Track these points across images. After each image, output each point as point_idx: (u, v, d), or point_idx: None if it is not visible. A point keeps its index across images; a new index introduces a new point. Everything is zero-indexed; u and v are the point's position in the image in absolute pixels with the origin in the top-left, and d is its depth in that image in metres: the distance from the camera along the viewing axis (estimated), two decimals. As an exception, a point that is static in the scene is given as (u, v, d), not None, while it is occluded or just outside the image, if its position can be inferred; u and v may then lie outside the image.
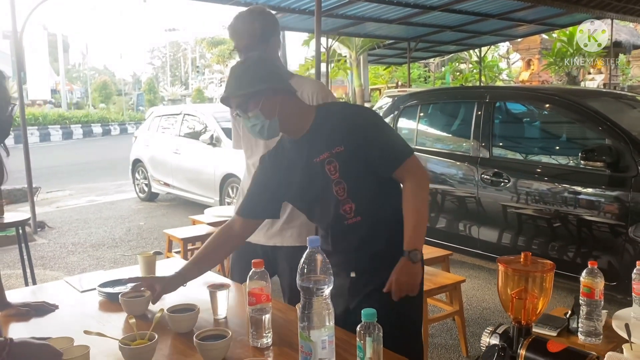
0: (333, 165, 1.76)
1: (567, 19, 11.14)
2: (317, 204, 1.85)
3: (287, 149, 1.88)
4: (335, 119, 1.81)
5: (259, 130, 1.77)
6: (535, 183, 4.03)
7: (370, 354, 1.22)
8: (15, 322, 1.75)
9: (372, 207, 1.80)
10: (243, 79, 1.74)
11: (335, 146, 1.76)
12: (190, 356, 1.51)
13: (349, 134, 1.76)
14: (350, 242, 1.81)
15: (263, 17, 2.21)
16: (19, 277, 4.52)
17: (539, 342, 1.05)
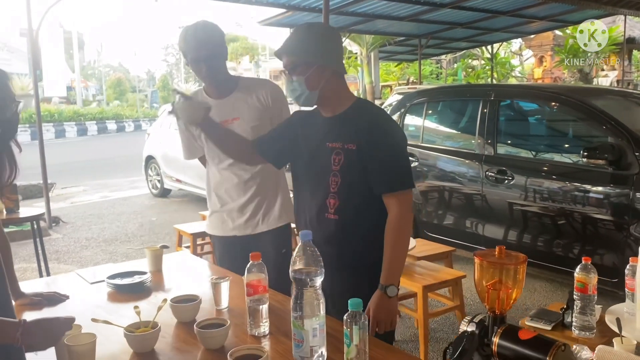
0: (339, 157, 1.82)
1: (579, 15, 11.07)
2: (310, 184, 1.91)
3: (313, 121, 1.95)
4: (363, 118, 1.83)
5: (297, 97, 1.85)
6: (538, 180, 4.07)
7: (356, 340, 1.30)
8: (29, 311, 1.86)
9: (352, 212, 1.83)
10: (303, 43, 1.81)
11: (350, 142, 1.80)
12: (192, 344, 1.60)
13: (366, 137, 1.78)
14: (321, 235, 1.81)
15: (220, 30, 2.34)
16: (34, 271, 4.65)
17: (511, 330, 1.12)
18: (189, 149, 2.55)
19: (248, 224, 2.43)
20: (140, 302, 1.82)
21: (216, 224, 2.50)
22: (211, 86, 2.40)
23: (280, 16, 8.75)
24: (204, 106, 1.97)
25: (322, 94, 1.83)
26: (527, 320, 2.46)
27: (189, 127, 2.41)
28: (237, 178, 2.41)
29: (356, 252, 1.86)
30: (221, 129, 2.08)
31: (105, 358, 1.50)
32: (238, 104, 2.37)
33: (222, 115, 2.33)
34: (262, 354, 1.37)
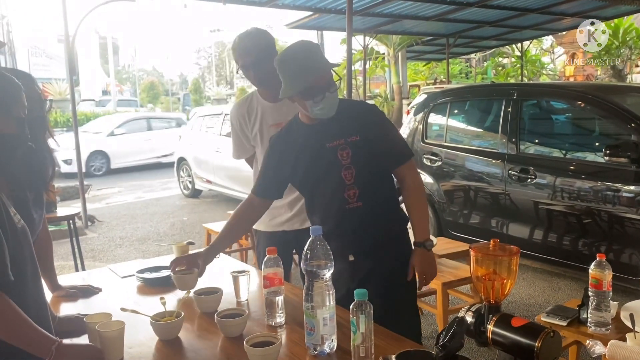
0: (346, 152, 1.93)
1: (611, 11, 10.86)
2: (321, 186, 2.01)
3: (298, 132, 2.03)
4: (352, 111, 2.00)
5: (332, 107, 1.90)
6: (561, 179, 4.07)
7: (363, 329, 1.38)
8: (65, 302, 2.01)
9: (373, 195, 1.98)
10: (316, 61, 1.88)
11: (351, 135, 1.93)
12: (213, 332, 1.71)
13: (364, 125, 1.95)
14: (350, 226, 1.97)
15: (267, 35, 2.45)
16: (71, 268, 4.87)
17: (505, 318, 1.19)
18: (238, 149, 2.66)
19: (296, 219, 2.53)
20: (166, 294, 1.94)
21: (264, 220, 2.53)
22: (264, 90, 2.50)
23: (306, 19, 8.87)
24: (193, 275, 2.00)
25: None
26: (543, 316, 2.49)
27: (243, 129, 2.54)
28: None
29: (384, 228, 2.01)
30: (221, 246, 2.13)
31: (133, 344, 1.62)
32: (291, 108, 2.42)
33: (276, 118, 2.45)
34: (275, 340, 1.47)
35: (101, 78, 34.95)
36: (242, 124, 2.56)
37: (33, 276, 1.41)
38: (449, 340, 1.09)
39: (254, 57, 2.38)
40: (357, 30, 9.84)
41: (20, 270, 1.34)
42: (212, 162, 8.02)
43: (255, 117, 2.52)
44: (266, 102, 2.51)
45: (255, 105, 2.54)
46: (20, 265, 1.35)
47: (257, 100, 2.54)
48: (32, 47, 30.27)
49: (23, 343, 1.31)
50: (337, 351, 1.53)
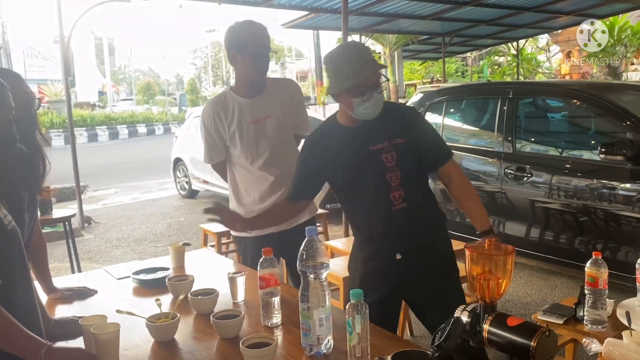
0: (390, 155, 1.95)
1: (607, 9, 10.88)
2: (364, 189, 2.01)
3: (336, 134, 2.04)
4: (394, 113, 2.03)
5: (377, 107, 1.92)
6: (557, 177, 4.08)
7: (359, 329, 1.38)
8: (60, 304, 2.00)
9: (416, 195, 2.02)
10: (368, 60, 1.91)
11: (396, 138, 1.96)
12: (209, 334, 1.70)
13: (408, 128, 2.00)
14: (396, 227, 1.99)
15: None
16: (67, 270, 4.85)
17: (500, 317, 1.18)
18: (211, 151, 2.57)
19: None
20: (162, 296, 1.93)
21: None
22: (250, 84, 2.45)
23: (302, 19, 8.86)
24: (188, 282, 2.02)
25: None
26: (540, 315, 2.50)
27: (218, 128, 2.48)
28: (272, 176, 2.47)
29: (428, 226, 2.06)
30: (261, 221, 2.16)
31: (128, 346, 1.62)
32: (270, 102, 2.46)
33: (256, 113, 2.43)
34: (271, 341, 1.47)
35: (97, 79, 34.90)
36: (217, 122, 2.47)
37: (22, 278, 1.39)
38: (444, 340, 1.08)
39: (267, 47, 2.38)
40: (353, 30, 9.82)
41: (8, 273, 1.32)
42: (209, 163, 8.00)
43: (232, 114, 2.45)
44: (242, 98, 2.46)
45: (230, 103, 2.47)
46: (9, 268, 1.33)
47: (232, 98, 2.47)
48: (27, 49, 30.21)
49: (11, 347, 1.29)
50: (334, 351, 1.52)
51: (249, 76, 2.43)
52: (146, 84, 39.65)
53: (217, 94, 2.79)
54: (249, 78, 2.44)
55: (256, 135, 2.45)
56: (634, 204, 3.63)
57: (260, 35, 2.38)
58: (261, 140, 2.45)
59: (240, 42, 2.36)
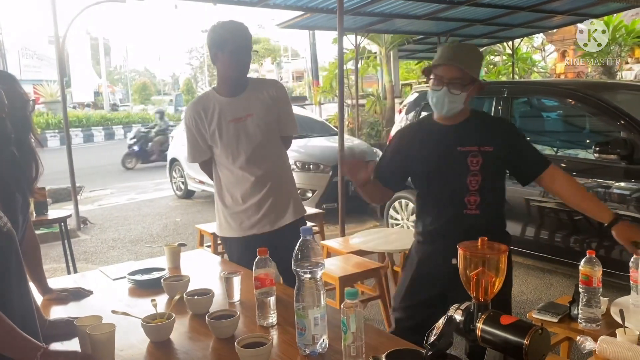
0: (476, 159, 1.99)
1: (602, 9, 10.90)
2: (442, 187, 2.05)
3: (428, 129, 2.11)
4: (487, 121, 2.13)
5: (450, 108, 2.00)
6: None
7: (353, 328, 1.39)
8: (55, 305, 1.99)
9: (491, 204, 2.04)
10: (474, 60, 2.01)
11: (485, 144, 2.00)
12: (204, 334, 1.71)
13: (499, 137, 2.03)
14: (462, 231, 1.96)
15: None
16: (63, 271, 4.84)
17: (494, 316, 1.19)
18: (194, 151, 2.57)
19: (266, 220, 2.50)
20: (157, 296, 1.94)
21: (233, 225, 2.54)
22: (231, 81, 2.46)
23: (297, 18, 8.86)
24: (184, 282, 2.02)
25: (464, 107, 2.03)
26: (535, 313, 2.51)
27: (199, 127, 2.49)
28: (253, 176, 2.47)
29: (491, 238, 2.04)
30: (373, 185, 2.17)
31: (124, 347, 1.62)
32: (251, 101, 2.46)
33: (236, 112, 2.43)
34: (266, 341, 1.47)
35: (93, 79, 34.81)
36: (197, 122, 2.48)
37: (18, 280, 1.39)
38: (438, 339, 1.09)
39: (248, 44, 2.39)
40: (349, 30, 9.83)
41: (4, 275, 1.32)
42: (205, 163, 8.00)
43: (213, 113, 2.46)
44: (223, 97, 2.47)
45: (211, 102, 2.48)
46: (5, 270, 1.33)
47: (213, 97, 2.49)
48: (22, 49, 30.09)
49: (6, 349, 1.28)
50: (329, 351, 1.53)
51: (229, 73, 2.43)
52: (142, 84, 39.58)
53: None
54: (229, 76, 2.44)
55: (236, 134, 2.45)
56: (628, 202, 3.65)
57: (240, 32, 2.39)
58: (241, 139, 2.45)
59: (220, 40, 2.38)
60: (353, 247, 3.76)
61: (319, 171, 6.62)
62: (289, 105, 2.62)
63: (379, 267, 3.45)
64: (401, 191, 5.46)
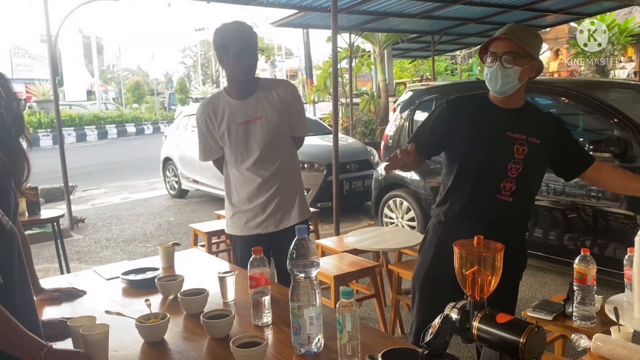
0: (523, 148, 1.99)
1: (594, 7, 10.95)
2: (482, 167, 2.03)
3: (481, 104, 2.08)
4: (538, 113, 2.11)
5: (504, 83, 1.96)
6: (546, 174, 4.08)
7: (349, 327, 1.38)
8: (48, 306, 1.97)
9: (524, 195, 2.05)
10: (531, 36, 1.98)
11: (534, 136, 2.00)
12: (199, 334, 1.70)
13: (547, 131, 2.03)
14: (490, 216, 2.02)
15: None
16: (56, 271, 4.82)
17: (490, 314, 1.19)
18: (205, 151, 2.59)
19: (271, 221, 2.50)
20: (151, 296, 1.93)
21: (239, 224, 2.55)
22: (240, 83, 2.45)
23: (291, 17, 8.83)
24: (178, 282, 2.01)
25: (520, 87, 1.99)
26: (529, 311, 2.52)
27: (210, 129, 2.49)
28: (260, 177, 2.48)
29: (517, 229, 2.13)
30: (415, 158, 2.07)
31: (118, 347, 1.61)
32: (260, 103, 2.45)
33: (245, 115, 2.43)
34: (261, 341, 1.47)
35: (85, 78, 34.62)
36: (208, 123, 2.50)
37: (21, 279, 1.38)
38: (434, 338, 1.09)
39: (253, 45, 2.38)
40: (343, 28, 9.82)
41: (8, 273, 1.32)
42: (198, 162, 7.94)
43: (222, 115, 2.46)
44: (233, 100, 2.47)
45: (221, 104, 2.48)
46: (9, 268, 1.32)
47: (223, 99, 2.49)
48: (14, 48, 29.90)
49: (11, 348, 1.27)
50: (324, 350, 1.52)
51: (236, 76, 2.43)
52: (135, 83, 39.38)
53: (206, 93, 2.79)
54: (236, 78, 2.44)
55: (245, 137, 2.45)
56: (621, 200, 3.66)
57: (244, 34, 2.37)
58: (250, 141, 2.45)
59: (224, 42, 2.37)
60: (348, 246, 3.76)
61: (313, 170, 6.61)
62: (300, 106, 2.57)
63: (374, 266, 3.45)
64: (395, 190, 5.50)
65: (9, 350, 1.27)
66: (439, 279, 2.12)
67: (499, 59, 1.94)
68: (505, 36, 1.95)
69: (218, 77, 49.68)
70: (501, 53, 1.94)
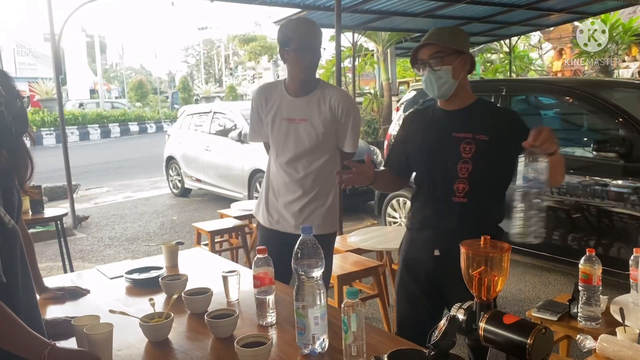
0: (470, 146, 1.95)
1: (598, 7, 10.91)
2: (433, 171, 2.03)
3: (431, 113, 2.10)
4: (491, 110, 2.08)
5: (439, 86, 1.96)
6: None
7: (354, 328, 1.37)
8: (52, 305, 1.97)
9: (481, 195, 1.99)
10: (453, 34, 1.99)
11: (481, 133, 1.94)
12: (203, 333, 1.69)
13: (498, 127, 1.95)
14: (447, 219, 1.99)
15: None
16: (60, 269, 4.82)
17: (496, 315, 1.18)
18: (253, 131, 2.60)
19: (288, 223, 2.48)
20: (155, 296, 1.92)
21: (263, 214, 2.56)
22: (297, 80, 2.41)
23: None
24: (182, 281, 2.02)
25: (459, 85, 1.97)
26: (534, 312, 2.50)
27: (259, 112, 2.50)
28: (288, 177, 2.46)
29: (480, 230, 1.87)
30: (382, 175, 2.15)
31: (122, 347, 1.60)
32: (311, 107, 2.40)
33: (292, 113, 2.42)
34: (266, 341, 1.46)
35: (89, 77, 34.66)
36: (259, 106, 2.51)
37: (24, 278, 1.38)
38: (440, 339, 1.08)
39: (316, 43, 2.36)
40: (346, 27, 9.80)
41: (11, 272, 1.31)
42: (202, 161, 7.98)
43: (273, 105, 2.47)
44: (287, 94, 2.45)
45: (276, 94, 2.47)
46: (12, 267, 1.32)
47: (279, 90, 2.48)
48: (18, 47, 29.95)
49: (14, 347, 1.27)
50: (329, 350, 1.52)
51: (295, 74, 2.39)
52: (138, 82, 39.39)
53: (209, 92, 2.77)
54: (294, 76, 2.40)
55: (286, 134, 2.43)
56: (626, 200, 3.64)
57: (305, 30, 2.34)
58: (289, 140, 2.43)
59: (284, 39, 2.36)
60: (351, 246, 3.75)
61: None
62: (350, 120, 2.43)
63: (377, 266, 3.44)
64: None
65: (13, 349, 1.27)
66: (409, 285, 2.13)
67: (428, 65, 1.96)
68: (426, 42, 1.97)
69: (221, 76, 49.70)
70: (428, 58, 1.96)
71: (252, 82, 41.96)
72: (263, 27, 52.55)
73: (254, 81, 40.59)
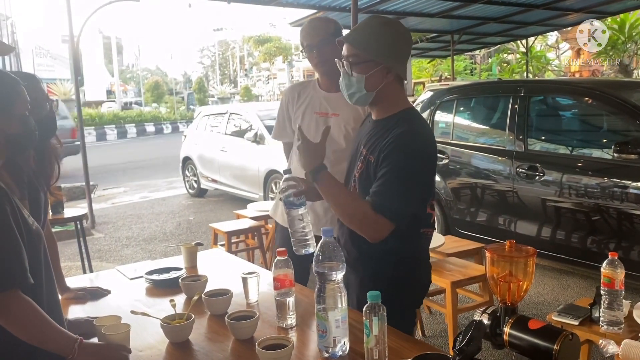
0: (361, 165, 1.79)
1: (617, 6, 10.79)
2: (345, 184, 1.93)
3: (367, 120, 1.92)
4: (393, 129, 1.69)
5: (350, 94, 1.75)
6: (569, 176, 4.04)
7: (376, 331, 1.37)
8: (74, 304, 1.99)
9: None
10: (375, 39, 1.66)
11: (372, 153, 1.72)
12: (223, 335, 1.69)
13: (383, 153, 1.67)
14: (342, 235, 1.91)
15: (336, 23, 2.51)
16: (78, 269, 4.87)
17: (521, 320, 1.17)
18: (279, 129, 2.65)
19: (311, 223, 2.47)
20: (175, 296, 1.93)
21: (282, 214, 2.48)
22: (323, 76, 2.48)
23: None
24: (202, 282, 2.01)
25: (378, 96, 1.71)
26: (555, 316, 2.47)
27: (288, 108, 2.54)
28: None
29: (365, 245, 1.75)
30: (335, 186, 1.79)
31: (143, 348, 1.61)
32: (342, 101, 2.30)
33: (324, 107, 2.45)
34: (287, 343, 1.46)
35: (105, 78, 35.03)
36: (289, 102, 2.56)
37: (47, 278, 1.41)
38: (466, 344, 1.07)
39: (321, 38, 2.39)
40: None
41: (36, 273, 1.34)
42: (218, 162, 8.02)
43: (305, 100, 2.51)
44: (320, 90, 2.50)
45: (308, 90, 2.53)
46: (36, 268, 1.35)
47: (313, 87, 2.54)
48: (36, 48, 30.33)
49: (46, 343, 1.32)
50: (350, 354, 1.51)
51: (317, 69, 2.48)
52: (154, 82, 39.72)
53: (224, 93, 2.79)
54: (318, 71, 2.49)
55: (316, 128, 2.42)
56: (647, 203, 3.59)
57: (307, 31, 2.43)
58: (319, 134, 2.42)
59: (301, 38, 2.47)
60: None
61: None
62: None
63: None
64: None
65: (44, 345, 1.32)
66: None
67: (343, 64, 1.71)
68: (344, 39, 1.70)
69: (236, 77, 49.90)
70: (344, 57, 1.70)
71: (266, 83, 42.10)
72: (278, 28, 52.66)
73: (269, 82, 40.73)
